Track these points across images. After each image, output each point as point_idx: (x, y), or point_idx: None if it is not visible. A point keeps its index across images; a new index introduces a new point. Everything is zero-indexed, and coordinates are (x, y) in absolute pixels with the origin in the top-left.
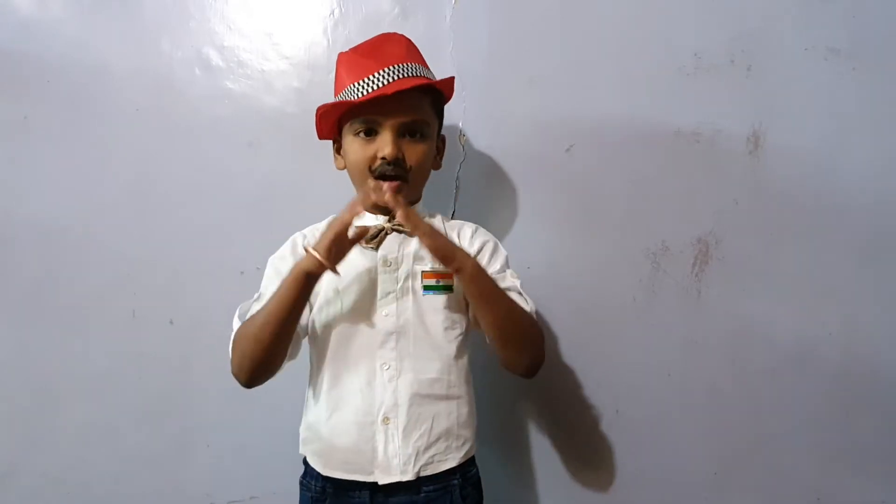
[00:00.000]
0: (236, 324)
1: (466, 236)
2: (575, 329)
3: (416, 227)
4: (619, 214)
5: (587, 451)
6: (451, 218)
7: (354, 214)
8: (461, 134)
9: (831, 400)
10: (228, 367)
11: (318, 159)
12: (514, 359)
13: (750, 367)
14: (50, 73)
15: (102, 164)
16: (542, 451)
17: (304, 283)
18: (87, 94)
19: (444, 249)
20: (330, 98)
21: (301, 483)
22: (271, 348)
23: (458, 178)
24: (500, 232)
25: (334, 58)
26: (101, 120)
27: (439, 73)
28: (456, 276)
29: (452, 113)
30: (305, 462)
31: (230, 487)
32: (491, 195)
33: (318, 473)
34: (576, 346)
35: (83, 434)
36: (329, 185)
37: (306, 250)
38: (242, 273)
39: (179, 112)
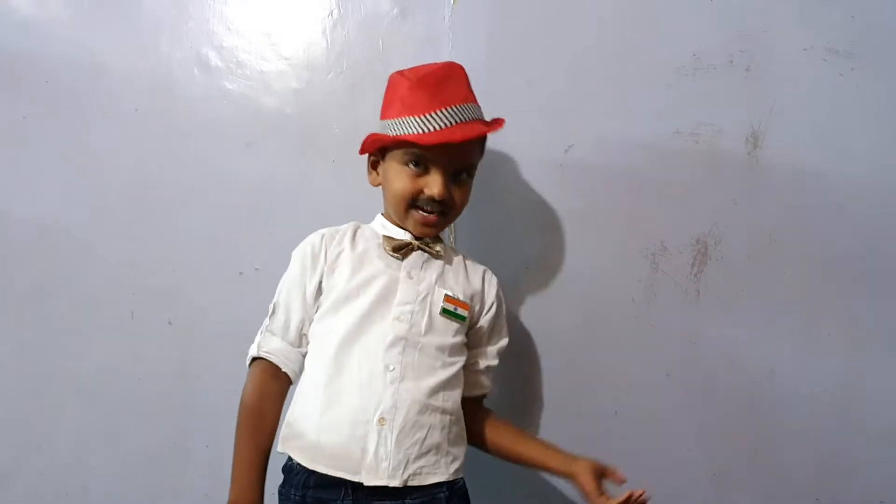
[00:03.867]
0: (254, 349)
1: (490, 287)
2: (573, 329)
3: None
4: (618, 215)
5: (585, 452)
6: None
7: None
8: None
9: (830, 400)
10: (227, 368)
11: (317, 160)
12: None
13: (749, 368)
14: (48, 73)
15: (101, 164)
16: None
17: None
18: (86, 95)
19: None
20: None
21: (280, 493)
22: None
23: None
24: (498, 232)
25: (333, 58)
26: (99, 120)
27: None
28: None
29: None
30: (284, 470)
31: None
32: (490, 195)
33: (298, 482)
34: (574, 347)
35: (82, 435)
36: (328, 186)
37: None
38: (241, 274)
39: (178, 113)
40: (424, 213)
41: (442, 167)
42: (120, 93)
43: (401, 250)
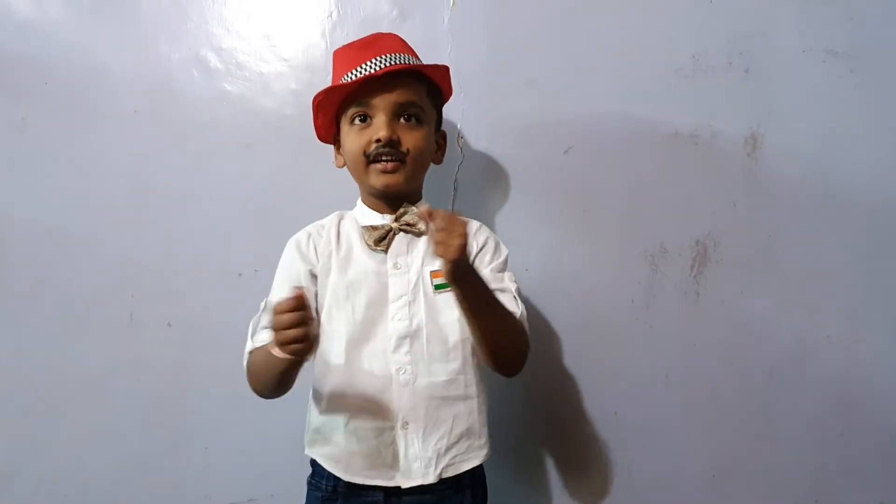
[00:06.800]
0: (249, 344)
1: (469, 232)
2: (573, 331)
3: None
4: (618, 216)
5: (585, 453)
6: None
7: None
8: (459, 136)
9: (830, 402)
10: (226, 370)
11: (317, 161)
12: (497, 365)
13: (749, 369)
14: (48, 75)
15: (100, 166)
16: (540, 452)
17: (277, 366)
18: (85, 97)
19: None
20: None
21: (309, 483)
22: (276, 391)
23: (456, 179)
24: (497, 233)
25: (333, 60)
26: (98, 122)
27: None
28: (454, 285)
29: (450, 114)
30: (314, 463)
31: (228, 490)
32: (489, 197)
33: (330, 473)
34: (574, 349)
35: (81, 437)
36: (327, 188)
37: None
38: (240, 275)
39: (177, 114)
40: (381, 163)
41: (382, 109)
42: (119, 94)
43: (383, 241)
